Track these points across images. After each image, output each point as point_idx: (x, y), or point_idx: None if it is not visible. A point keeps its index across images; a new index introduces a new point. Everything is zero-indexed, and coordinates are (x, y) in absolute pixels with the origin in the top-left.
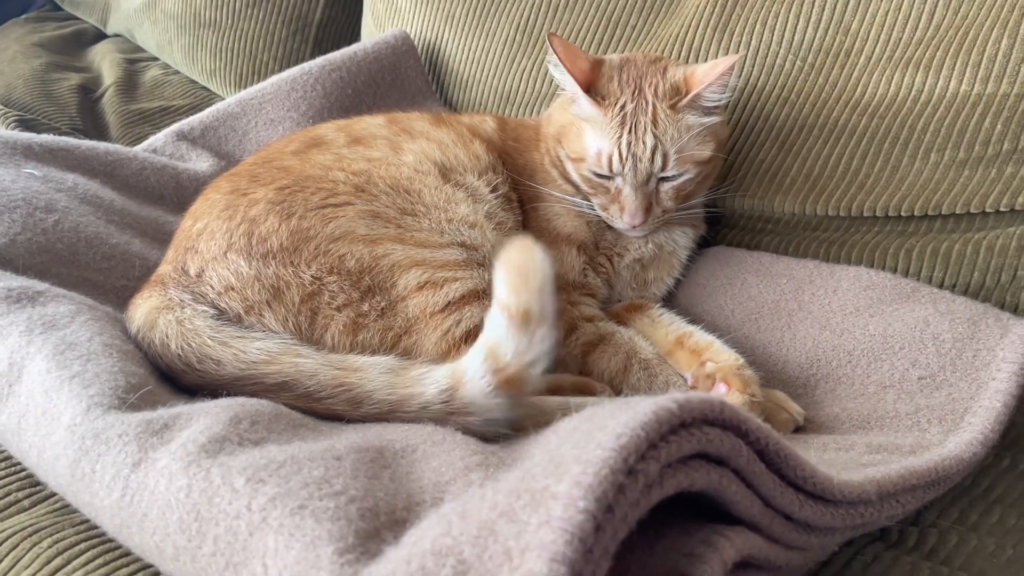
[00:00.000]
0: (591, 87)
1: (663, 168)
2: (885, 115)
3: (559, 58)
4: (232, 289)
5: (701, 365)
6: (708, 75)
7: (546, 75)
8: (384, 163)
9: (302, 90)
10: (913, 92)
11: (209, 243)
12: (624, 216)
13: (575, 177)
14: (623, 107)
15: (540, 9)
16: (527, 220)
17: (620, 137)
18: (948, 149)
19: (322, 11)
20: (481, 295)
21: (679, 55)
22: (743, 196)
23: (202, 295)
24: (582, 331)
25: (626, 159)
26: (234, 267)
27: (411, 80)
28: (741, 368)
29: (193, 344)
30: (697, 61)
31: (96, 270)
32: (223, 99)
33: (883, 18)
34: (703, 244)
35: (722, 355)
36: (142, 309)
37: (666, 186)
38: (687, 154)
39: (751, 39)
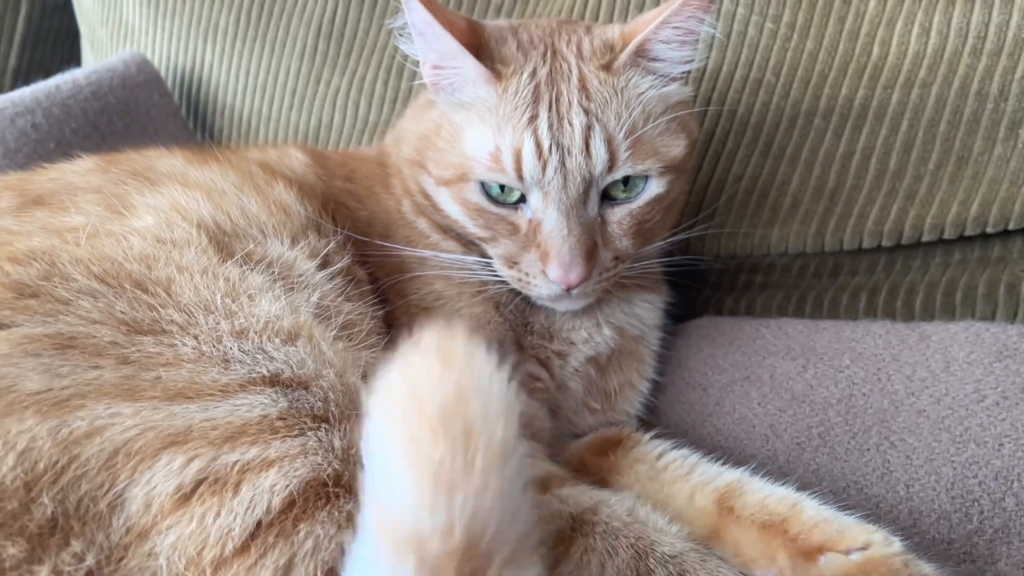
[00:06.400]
0: (476, 53)
1: (611, 165)
2: (931, 81)
3: (426, 7)
4: None
5: (807, 558)
6: (660, 14)
7: (371, 98)
8: (89, 236)
9: None
10: (971, 39)
11: None
12: (551, 266)
13: (453, 212)
14: (533, 74)
15: (349, 3)
16: (395, 312)
17: (535, 118)
18: None
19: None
20: (329, 490)
21: None
22: (720, 237)
23: None
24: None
25: (549, 153)
26: None
27: (157, 123)
28: (906, 561)
29: None
30: None
31: None
32: None
33: None
34: (673, 318)
35: (848, 534)
36: None
37: (619, 211)
38: (645, 140)
39: None
